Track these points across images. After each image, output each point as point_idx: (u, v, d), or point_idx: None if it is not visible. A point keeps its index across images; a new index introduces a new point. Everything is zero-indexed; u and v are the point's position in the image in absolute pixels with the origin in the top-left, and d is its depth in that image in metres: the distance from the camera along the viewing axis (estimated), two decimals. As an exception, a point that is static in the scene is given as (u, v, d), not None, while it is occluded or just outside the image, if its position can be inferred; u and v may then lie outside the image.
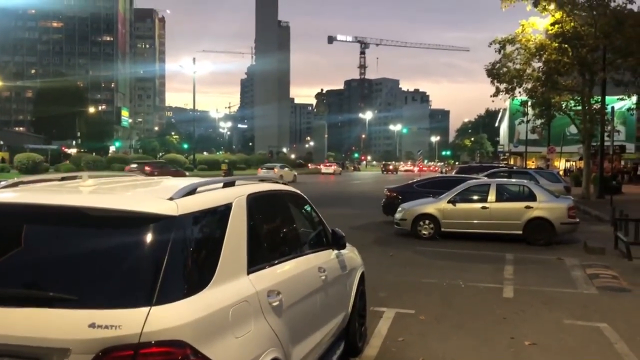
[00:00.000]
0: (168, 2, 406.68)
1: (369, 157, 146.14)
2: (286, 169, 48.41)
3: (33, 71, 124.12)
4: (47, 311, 2.39)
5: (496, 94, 28.62)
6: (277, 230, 4.02)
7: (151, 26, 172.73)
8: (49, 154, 58.35)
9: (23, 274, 2.62)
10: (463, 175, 18.45)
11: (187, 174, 38.09)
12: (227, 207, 3.10)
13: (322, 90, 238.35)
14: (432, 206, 13.47)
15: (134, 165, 38.09)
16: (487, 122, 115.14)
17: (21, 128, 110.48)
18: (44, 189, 3.26)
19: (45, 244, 2.71)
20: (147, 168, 35.76)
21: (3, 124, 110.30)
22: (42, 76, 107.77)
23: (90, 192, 3.08)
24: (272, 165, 50.88)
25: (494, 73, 28.06)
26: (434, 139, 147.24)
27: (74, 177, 3.68)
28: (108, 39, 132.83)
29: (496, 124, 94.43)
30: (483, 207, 13.10)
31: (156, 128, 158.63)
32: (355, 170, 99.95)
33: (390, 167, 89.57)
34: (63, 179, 3.68)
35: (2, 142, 67.88)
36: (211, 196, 3.10)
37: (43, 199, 2.91)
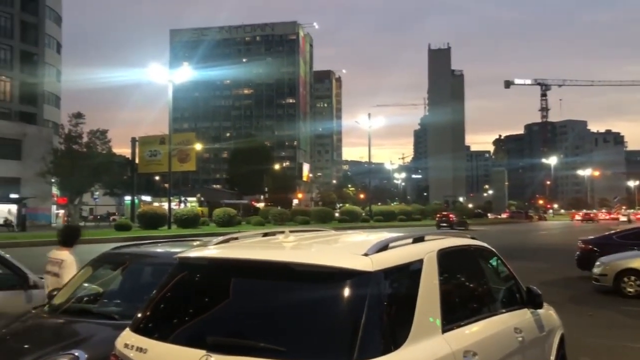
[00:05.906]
0: (344, 62, 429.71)
1: (555, 205, 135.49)
2: None
3: (228, 134, 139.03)
4: None
5: None
6: (469, 287, 3.89)
7: (329, 86, 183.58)
8: (240, 208, 64.02)
9: (234, 324, 2.80)
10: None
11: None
12: (418, 263, 3.07)
13: (500, 136, 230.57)
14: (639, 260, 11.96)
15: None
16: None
17: (218, 185, 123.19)
18: (252, 245, 3.55)
19: (252, 296, 2.89)
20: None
21: (203, 182, 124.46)
22: (235, 138, 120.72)
23: (292, 247, 3.28)
24: None
25: None
26: (632, 183, 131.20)
27: (275, 233, 3.99)
28: (291, 101, 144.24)
29: None
30: None
31: (334, 181, 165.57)
32: (541, 220, 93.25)
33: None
34: (265, 235, 4.00)
35: (203, 198, 76.28)
36: (403, 252, 3.10)
37: (251, 254, 3.16)
